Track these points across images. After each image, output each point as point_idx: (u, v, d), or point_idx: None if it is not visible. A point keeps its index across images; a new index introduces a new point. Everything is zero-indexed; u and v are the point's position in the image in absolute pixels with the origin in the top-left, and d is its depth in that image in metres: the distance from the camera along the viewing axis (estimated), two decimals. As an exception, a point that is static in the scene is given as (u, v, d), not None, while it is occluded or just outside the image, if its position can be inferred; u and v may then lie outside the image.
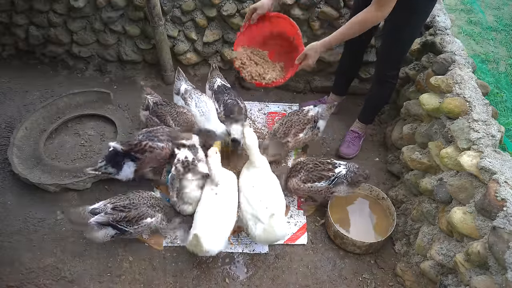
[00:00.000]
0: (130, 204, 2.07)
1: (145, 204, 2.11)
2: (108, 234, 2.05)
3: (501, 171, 1.58)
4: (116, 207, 2.05)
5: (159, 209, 2.16)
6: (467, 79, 2.04)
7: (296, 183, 2.30)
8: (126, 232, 2.06)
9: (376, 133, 3.03)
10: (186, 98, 2.66)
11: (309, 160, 2.35)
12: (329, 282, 2.17)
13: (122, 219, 2.02)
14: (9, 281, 2.08)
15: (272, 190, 2.20)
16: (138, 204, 2.09)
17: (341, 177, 2.25)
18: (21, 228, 2.31)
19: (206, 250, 1.95)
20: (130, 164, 2.32)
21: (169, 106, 2.57)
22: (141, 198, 2.13)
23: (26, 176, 2.42)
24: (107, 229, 2.04)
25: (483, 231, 1.59)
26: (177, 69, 2.88)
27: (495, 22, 4.40)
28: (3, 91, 3.19)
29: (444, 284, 1.81)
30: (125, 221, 2.03)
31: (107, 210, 2.03)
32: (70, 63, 3.42)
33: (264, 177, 2.26)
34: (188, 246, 2.00)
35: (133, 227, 2.06)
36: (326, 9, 2.87)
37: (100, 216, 2.00)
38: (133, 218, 2.04)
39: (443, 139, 2.05)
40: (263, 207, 2.07)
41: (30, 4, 3.09)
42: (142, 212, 2.07)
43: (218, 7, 2.97)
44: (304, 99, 3.29)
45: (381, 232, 2.33)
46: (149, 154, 2.31)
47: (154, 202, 2.15)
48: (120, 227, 2.04)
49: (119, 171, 2.31)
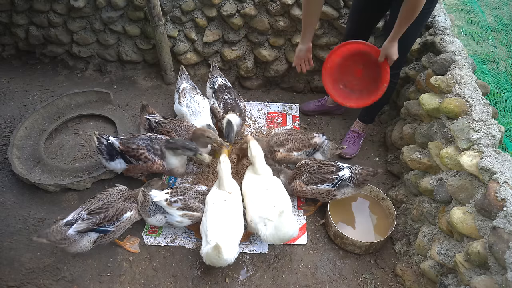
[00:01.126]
0: (104, 204, 2.04)
1: (119, 199, 2.10)
2: (90, 241, 2.03)
3: (501, 171, 1.58)
4: (92, 211, 2.01)
5: (134, 200, 2.16)
6: (467, 79, 2.04)
7: (299, 185, 2.30)
8: (109, 232, 2.05)
9: (376, 133, 3.03)
10: (180, 97, 2.67)
11: (313, 162, 2.35)
12: (329, 282, 2.17)
13: (102, 220, 1.99)
14: (9, 281, 2.08)
15: (277, 190, 2.20)
16: (112, 201, 2.08)
17: (345, 180, 2.25)
18: (21, 228, 2.31)
19: (225, 259, 1.90)
20: (122, 162, 2.36)
21: (172, 123, 2.55)
22: (113, 194, 2.11)
23: (26, 176, 2.42)
24: (88, 235, 2.01)
25: (483, 231, 1.59)
26: (181, 67, 2.89)
27: (495, 22, 4.40)
28: (3, 91, 3.19)
29: (444, 284, 1.81)
30: (106, 221, 2.01)
31: (83, 217, 1.99)
32: (70, 63, 3.42)
33: (268, 180, 2.25)
34: (207, 258, 1.94)
35: (114, 225, 2.05)
36: (326, 9, 2.87)
37: (78, 224, 1.96)
38: (113, 216, 2.03)
39: (443, 139, 2.05)
40: (271, 206, 2.07)
41: (30, 4, 3.09)
42: (120, 207, 2.07)
43: (218, 7, 2.97)
44: (304, 99, 3.29)
45: (381, 232, 2.33)
46: (141, 163, 2.32)
47: (127, 195, 2.15)
48: (102, 229, 2.01)
49: (110, 161, 2.35)
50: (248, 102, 3.25)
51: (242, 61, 3.24)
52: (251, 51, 3.23)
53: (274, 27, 3.02)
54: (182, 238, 2.31)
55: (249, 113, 3.14)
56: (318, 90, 3.35)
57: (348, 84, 2.55)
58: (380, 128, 3.06)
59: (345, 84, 2.56)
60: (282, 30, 3.03)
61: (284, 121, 3.08)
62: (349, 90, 2.55)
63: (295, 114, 3.15)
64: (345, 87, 2.56)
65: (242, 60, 3.24)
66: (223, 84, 2.80)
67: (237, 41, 3.14)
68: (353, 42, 2.40)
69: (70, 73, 3.40)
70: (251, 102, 3.26)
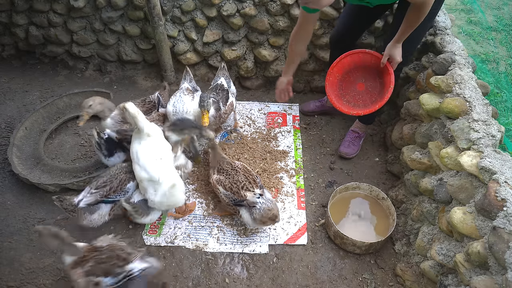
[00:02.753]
0: (109, 178, 2.17)
1: (121, 172, 2.21)
2: (102, 214, 2.14)
3: (501, 171, 1.58)
4: (98, 186, 2.13)
5: None
6: (467, 79, 2.04)
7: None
8: (117, 201, 2.16)
9: (376, 133, 3.03)
10: (171, 96, 2.68)
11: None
12: (329, 282, 2.17)
13: (108, 192, 2.12)
14: (9, 281, 2.08)
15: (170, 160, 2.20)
16: (116, 174, 2.20)
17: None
18: (21, 228, 2.31)
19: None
20: (120, 155, 2.39)
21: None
22: (115, 169, 2.23)
23: (26, 176, 2.42)
24: (99, 209, 2.12)
25: (483, 231, 1.59)
26: (185, 68, 2.89)
27: (495, 22, 4.40)
28: (3, 91, 3.19)
29: (444, 284, 1.81)
30: (112, 192, 2.13)
31: (91, 191, 2.11)
32: (70, 63, 3.42)
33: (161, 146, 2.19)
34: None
35: (120, 195, 2.17)
36: (326, 9, 2.87)
37: (87, 197, 2.08)
38: (117, 186, 2.15)
39: (443, 139, 2.05)
40: (161, 172, 2.09)
41: (30, 4, 3.09)
42: (123, 178, 2.19)
43: (218, 7, 2.97)
44: (304, 99, 3.29)
45: (381, 232, 2.33)
46: None
47: (127, 170, 2.24)
48: (110, 200, 2.13)
49: (109, 157, 2.38)
50: (248, 102, 3.25)
51: (242, 61, 3.24)
52: (251, 51, 3.23)
53: (274, 27, 3.02)
54: (182, 238, 2.31)
55: (249, 113, 3.14)
56: (318, 90, 3.35)
57: (352, 99, 2.57)
58: (380, 128, 3.06)
59: (348, 100, 2.58)
60: (282, 30, 3.03)
61: (284, 121, 3.08)
62: (352, 105, 2.56)
63: (295, 114, 3.15)
64: (348, 103, 2.57)
65: (242, 60, 3.24)
66: (220, 85, 2.76)
67: (237, 41, 3.14)
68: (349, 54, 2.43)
69: (70, 73, 3.40)
70: (251, 102, 3.26)
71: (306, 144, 2.92)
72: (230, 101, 2.76)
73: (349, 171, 2.74)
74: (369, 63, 2.43)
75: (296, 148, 2.87)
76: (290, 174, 2.69)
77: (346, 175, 2.72)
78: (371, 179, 2.70)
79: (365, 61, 2.46)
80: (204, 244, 2.29)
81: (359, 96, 2.56)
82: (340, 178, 2.70)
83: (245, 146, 2.83)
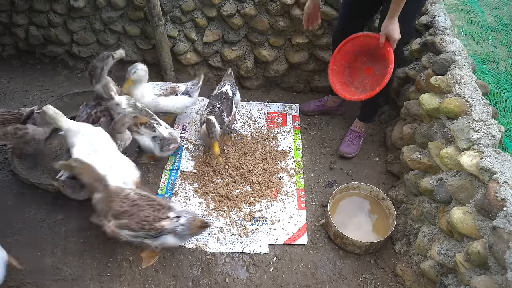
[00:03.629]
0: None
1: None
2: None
3: (501, 171, 1.58)
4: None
5: None
6: (467, 79, 2.04)
7: None
8: None
9: (376, 133, 3.03)
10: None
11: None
12: (329, 282, 2.17)
13: None
14: (9, 281, 2.08)
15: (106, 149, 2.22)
16: None
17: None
18: (21, 228, 2.31)
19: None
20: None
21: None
22: None
23: (26, 176, 2.42)
24: None
25: (483, 231, 1.59)
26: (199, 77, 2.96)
27: (495, 22, 4.40)
28: (3, 91, 3.19)
29: (444, 284, 1.81)
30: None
31: None
32: (70, 63, 3.42)
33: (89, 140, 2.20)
34: None
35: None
36: (326, 9, 2.87)
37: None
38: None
39: (443, 139, 2.05)
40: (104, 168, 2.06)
41: (30, 4, 3.09)
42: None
43: (218, 7, 2.97)
44: (304, 99, 3.29)
45: (381, 232, 2.33)
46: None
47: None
48: None
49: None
50: (248, 102, 3.25)
51: (242, 61, 3.24)
52: (251, 51, 3.23)
53: (274, 27, 3.02)
54: (182, 238, 2.31)
55: (249, 113, 3.14)
56: (318, 90, 3.35)
57: (360, 85, 2.55)
58: (380, 128, 3.06)
59: (356, 86, 2.56)
60: (282, 30, 3.03)
61: (284, 121, 3.08)
62: (360, 91, 2.54)
63: (295, 114, 3.15)
64: (356, 89, 2.55)
65: (242, 60, 3.24)
66: (225, 93, 2.73)
67: (237, 41, 3.14)
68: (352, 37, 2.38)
69: (70, 73, 3.40)
70: (251, 102, 3.26)
71: (306, 144, 2.93)
72: (234, 111, 2.75)
73: (349, 171, 2.75)
74: (372, 45, 2.35)
75: (296, 148, 2.87)
76: (290, 174, 2.69)
77: (346, 175, 2.72)
78: (371, 179, 2.70)
79: (368, 44, 2.38)
80: (204, 244, 2.29)
81: (367, 81, 2.52)
82: (340, 178, 2.70)
83: (245, 146, 2.83)
